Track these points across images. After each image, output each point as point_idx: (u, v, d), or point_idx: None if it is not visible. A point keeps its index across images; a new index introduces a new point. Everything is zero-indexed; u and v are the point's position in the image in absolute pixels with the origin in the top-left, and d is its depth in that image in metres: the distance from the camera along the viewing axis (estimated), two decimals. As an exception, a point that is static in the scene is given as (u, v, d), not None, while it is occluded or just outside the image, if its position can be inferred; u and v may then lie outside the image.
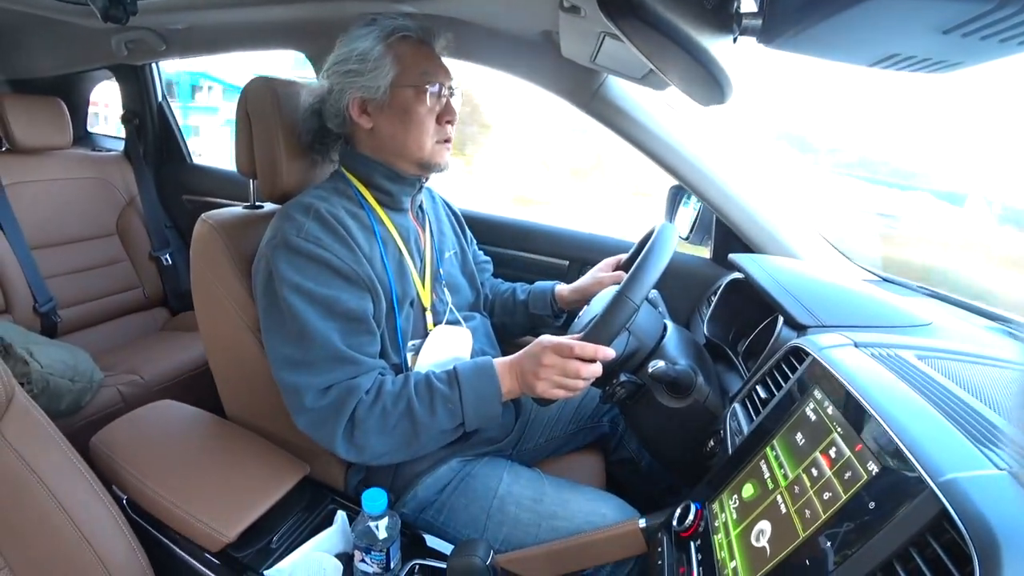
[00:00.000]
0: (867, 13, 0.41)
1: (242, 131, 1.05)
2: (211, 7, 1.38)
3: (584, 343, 0.83)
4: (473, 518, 0.96)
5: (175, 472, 0.93)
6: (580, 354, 0.83)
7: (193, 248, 1.04)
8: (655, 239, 0.90)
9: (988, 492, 0.44)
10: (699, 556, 0.69)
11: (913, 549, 0.44)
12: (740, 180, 1.26)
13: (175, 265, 2.03)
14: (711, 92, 0.72)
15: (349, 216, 0.94)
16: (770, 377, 0.80)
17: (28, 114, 1.73)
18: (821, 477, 0.57)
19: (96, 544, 0.76)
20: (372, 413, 0.85)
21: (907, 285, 1.20)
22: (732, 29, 0.61)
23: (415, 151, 0.97)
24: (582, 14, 0.84)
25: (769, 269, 1.06)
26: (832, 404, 0.63)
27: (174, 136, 2.13)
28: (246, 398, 1.11)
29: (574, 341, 0.84)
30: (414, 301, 1.00)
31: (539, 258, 1.57)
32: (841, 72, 0.59)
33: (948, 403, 0.59)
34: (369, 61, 0.92)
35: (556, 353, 0.84)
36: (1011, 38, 0.41)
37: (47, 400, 1.27)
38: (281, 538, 0.89)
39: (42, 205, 1.75)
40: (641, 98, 1.27)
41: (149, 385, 1.57)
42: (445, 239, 1.15)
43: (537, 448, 1.20)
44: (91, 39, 1.77)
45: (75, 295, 1.79)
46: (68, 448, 0.79)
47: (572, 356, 0.83)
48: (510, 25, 1.23)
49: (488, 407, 0.87)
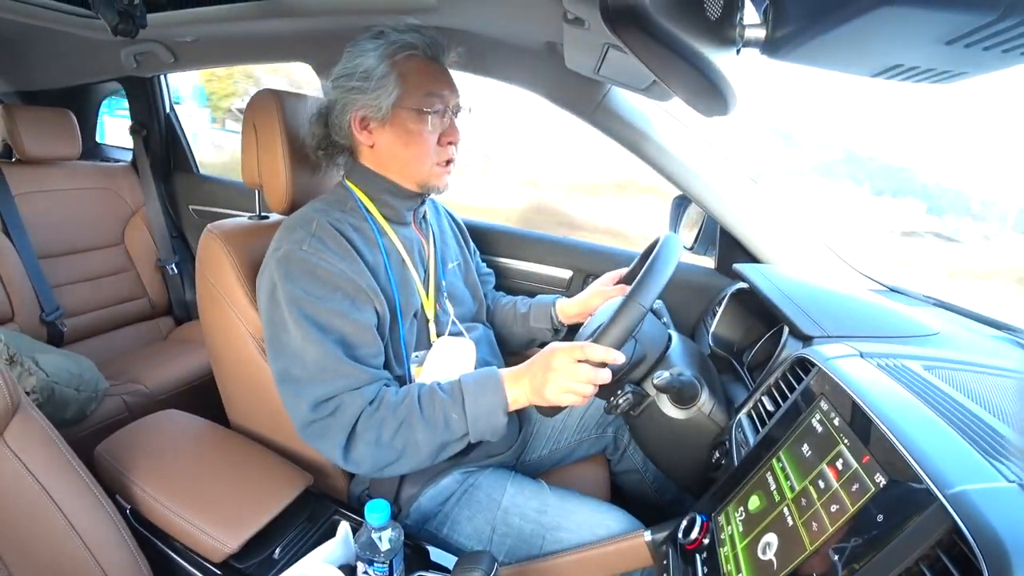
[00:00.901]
0: (870, 25, 0.41)
1: (248, 142, 1.06)
2: (219, 20, 1.40)
3: (594, 345, 0.82)
4: (477, 530, 0.95)
5: (178, 482, 0.93)
6: (590, 356, 0.81)
7: (199, 258, 1.04)
8: (660, 248, 0.90)
9: (998, 505, 0.43)
10: (705, 569, 0.69)
11: (923, 563, 0.44)
12: (744, 190, 1.27)
13: (181, 275, 2.04)
14: (715, 103, 0.72)
15: (352, 228, 0.94)
16: (776, 388, 0.80)
17: (38, 125, 1.75)
18: (828, 489, 0.57)
19: (99, 554, 0.76)
20: (373, 424, 0.84)
21: (913, 295, 1.19)
22: (736, 41, 0.61)
23: (415, 171, 0.98)
24: (586, 26, 0.85)
25: (774, 279, 1.06)
26: (839, 415, 0.62)
27: (181, 147, 2.15)
28: (250, 408, 1.11)
29: (582, 344, 0.83)
30: (418, 312, 1.00)
31: (542, 269, 1.57)
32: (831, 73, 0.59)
33: (956, 414, 0.58)
34: (373, 79, 0.92)
35: (565, 355, 0.83)
36: (1013, 49, 0.41)
37: (52, 409, 1.28)
38: (284, 549, 0.89)
39: (50, 215, 1.77)
40: (645, 109, 1.27)
41: (153, 395, 1.57)
42: (448, 250, 1.16)
43: (541, 459, 1.20)
44: (100, 52, 1.79)
45: (81, 304, 1.80)
46: (72, 457, 0.79)
47: (583, 359, 0.82)
48: (515, 37, 1.24)
49: (493, 418, 0.86)
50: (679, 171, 1.27)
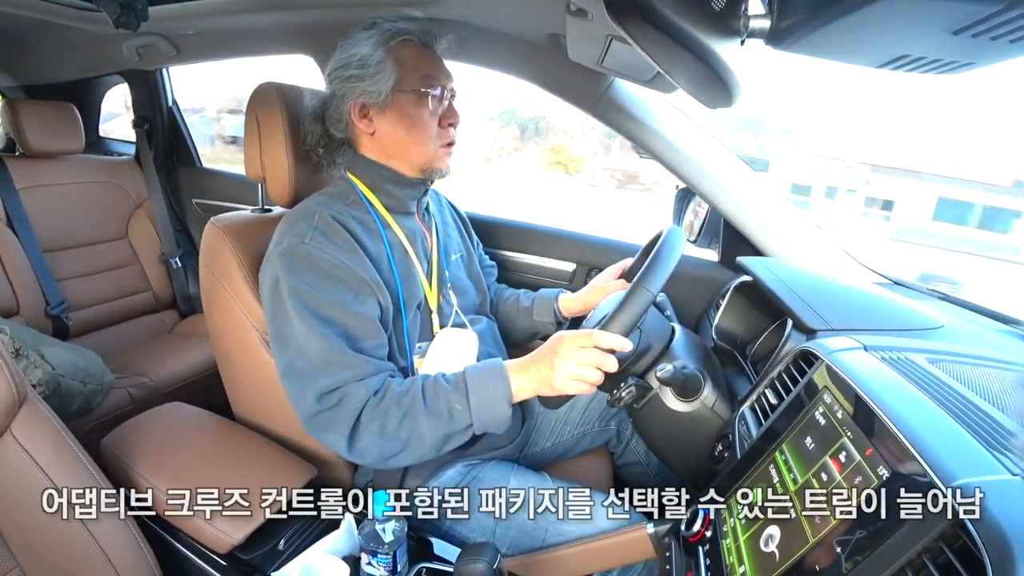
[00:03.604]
0: (876, 14, 0.41)
1: (251, 135, 1.06)
2: (221, 13, 1.40)
3: (602, 332, 0.81)
4: (480, 522, 0.96)
5: (183, 474, 0.94)
6: (598, 343, 0.81)
7: (202, 251, 1.05)
8: (664, 240, 0.90)
9: (1002, 498, 0.43)
10: (707, 561, 0.69)
11: (926, 556, 0.44)
12: (748, 183, 1.26)
13: (184, 268, 2.04)
14: (719, 94, 0.72)
15: (355, 221, 0.94)
16: (779, 381, 0.80)
17: (41, 119, 1.75)
18: (831, 482, 0.57)
19: (105, 545, 0.76)
20: (377, 415, 0.85)
21: (917, 288, 1.19)
22: (740, 31, 0.61)
23: (417, 155, 0.97)
24: (589, 17, 0.84)
25: (778, 272, 1.05)
26: (842, 408, 0.62)
27: (184, 140, 2.15)
28: (254, 400, 1.11)
29: (589, 331, 0.82)
30: (421, 304, 1.00)
31: (545, 261, 1.57)
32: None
33: (960, 407, 0.58)
34: (370, 66, 0.92)
35: (574, 342, 0.82)
36: (1022, 38, 0.40)
37: (58, 402, 1.28)
38: (288, 541, 0.89)
39: (54, 209, 1.77)
40: (649, 101, 1.27)
41: (158, 387, 1.58)
42: (451, 242, 1.15)
43: (544, 452, 1.20)
44: (103, 45, 1.79)
45: (86, 298, 1.81)
46: (79, 449, 0.79)
47: (590, 345, 0.81)
48: (518, 29, 1.24)
49: (497, 409, 0.86)
50: (683, 164, 1.26)
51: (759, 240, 1.27)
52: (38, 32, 1.79)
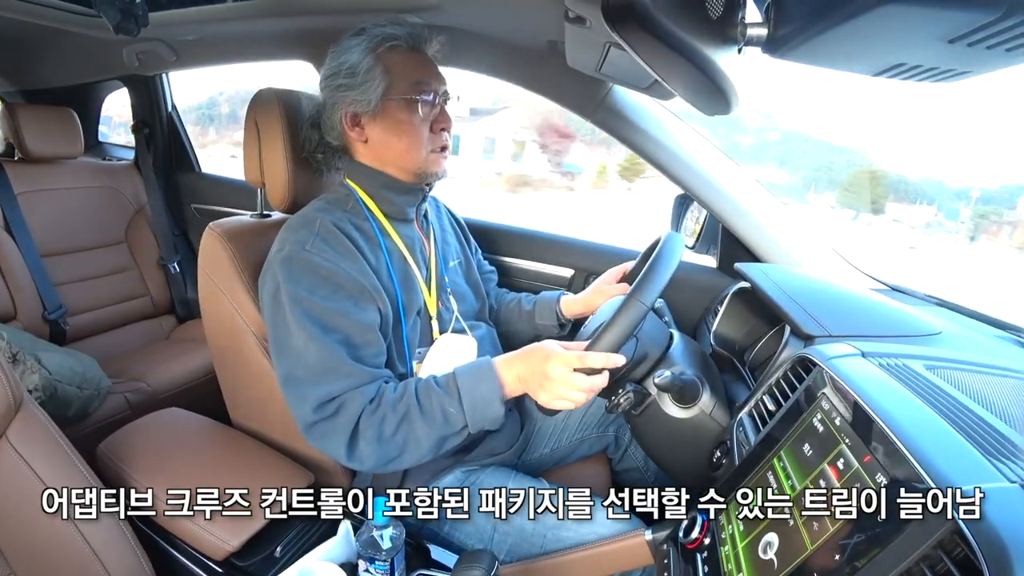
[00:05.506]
0: (873, 23, 0.41)
1: (250, 140, 1.06)
2: (221, 19, 1.40)
3: (590, 354, 0.81)
4: (478, 528, 0.95)
5: (180, 480, 0.93)
6: (587, 365, 0.81)
7: (201, 257, 1.05)
8: (662, 246, 0.90)
9: (1000, 505, 0.43)
10: (706, 569, 0.69)
11: (924, 563, 0.44)
12: (746, 189, 1.26)
13: (183, 273, 2.04)
14: (716, 102, 0.72)
15: (355, 228, 0.94)
16: (777, 387, 0.79)
17: (40, 124, 1.75)
18: (829, 489, 0.57)
19: (101, 551, 0.76)
20: (374, 422, 0.84)
21: (915, 294, 1.19)
22: (737, 39, 0.61)
23: (410, 161, 0.98)
24: (587, 25, 0.85)
25: (776, 278, 1.06)
26: (840, 415, 0.62)
27: (184, 145, 2.15)
28: (251, 406, 1.11)
29: (580, 353, 0.82)
30: (421, 310, 1.00)
31: (543, 267, 1.57)
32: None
33: (958, 414, 0.58)
34: (359, 74, 0.93)
35: (562, 365, 0.82)
36: (1018, 47, 0.41)
37: (55, 407, 1.28)
38: (285, 547, 0.89)
39: (53, 213, 1.77)
40: (647, 107, 1.27)
41: (155, 393, 1.58)
42: (449, 248, 1.16)
43: (542, 458, 1.19)
44: (103, 50, 1.79)
45: (83, 303, 1.80)
46: (75, 455, 0.79)
47: (579, 368, 0.81)
48: (516, 36, 1.24)
49: (489, 407, 0.86)
50: (681, 170, 1.27)
51: (757, 246, 1.28)
52: (38, 37, 1.79)
